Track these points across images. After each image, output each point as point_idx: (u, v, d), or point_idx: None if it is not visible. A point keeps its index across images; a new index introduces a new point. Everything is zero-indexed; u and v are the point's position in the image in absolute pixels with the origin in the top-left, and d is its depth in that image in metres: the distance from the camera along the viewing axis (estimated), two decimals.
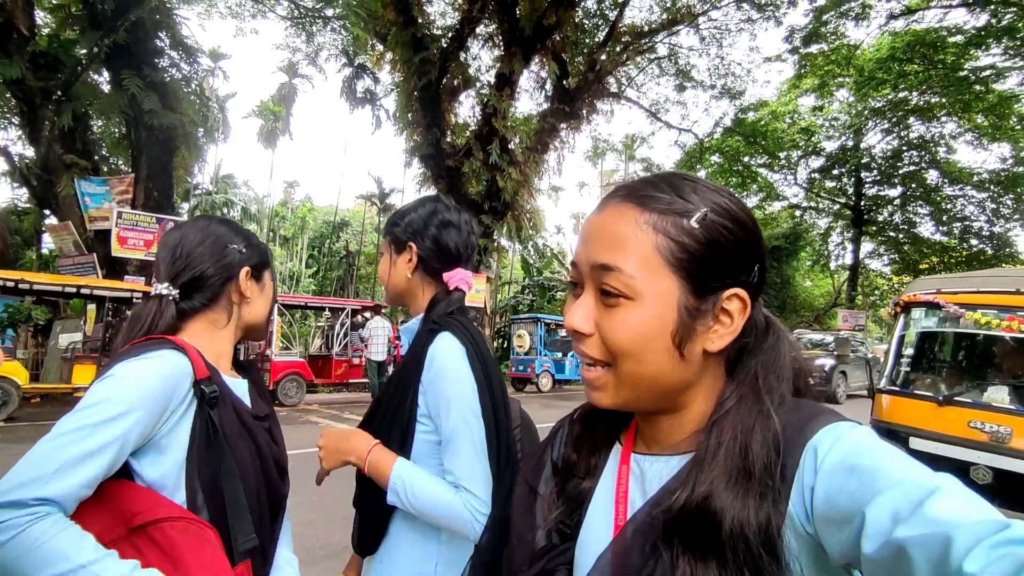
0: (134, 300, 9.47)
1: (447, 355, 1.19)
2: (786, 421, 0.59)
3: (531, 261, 25.29)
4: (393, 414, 1.23)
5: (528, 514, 0.76)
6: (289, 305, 13.59)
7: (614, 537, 0.64)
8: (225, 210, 23.77)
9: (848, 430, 0.55)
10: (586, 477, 0.73)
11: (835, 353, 13.44)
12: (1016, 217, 18.87)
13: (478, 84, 15.87)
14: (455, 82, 15.28)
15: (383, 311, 12.10)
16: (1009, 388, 3.12)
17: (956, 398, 3.16)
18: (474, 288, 15.28)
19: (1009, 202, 18.91)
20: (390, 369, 10.84)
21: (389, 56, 16.28)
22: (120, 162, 12.63)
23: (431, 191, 16.79)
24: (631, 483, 0.68)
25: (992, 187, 18.89)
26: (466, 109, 17.36)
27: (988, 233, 19.51)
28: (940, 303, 3.36)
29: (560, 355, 15.58)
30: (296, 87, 23.27)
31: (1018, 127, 17.18)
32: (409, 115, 15.66)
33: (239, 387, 1.13)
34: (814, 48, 16.94)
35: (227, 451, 1.01)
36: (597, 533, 0.68)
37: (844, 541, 0.48)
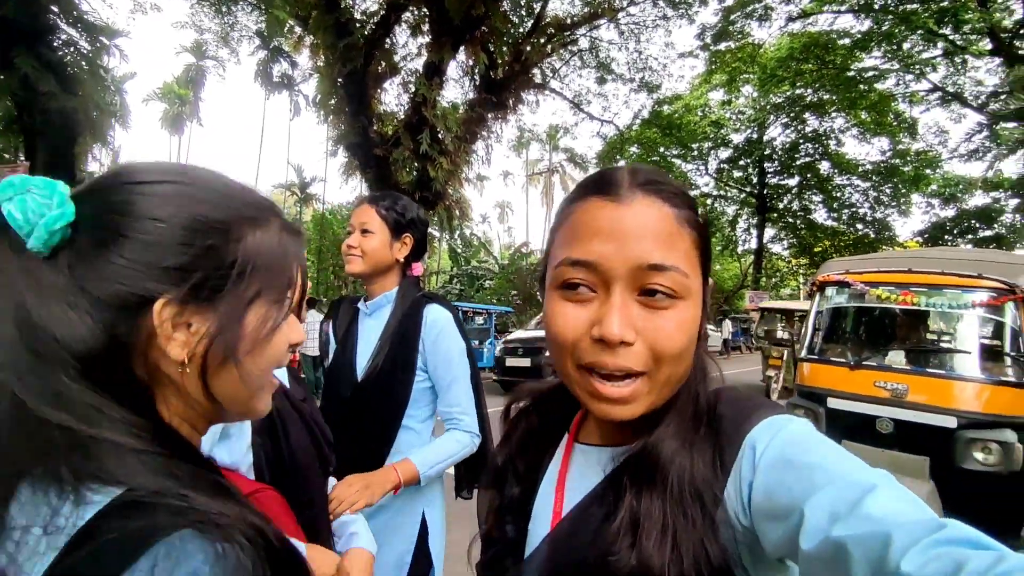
0: None
1: (444, 320, 1.57)
2: (723, 413, 0.59)
3: (459, 251, 25.35)
4: (403, 364, 1.55)
5: (491, 506, 0.76)
6: None
7: (551, 529, 0.65)
8: None
9: (786, 423, 0.55)
10: (537, 465, 0.73)
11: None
12: (894, 204, 21.02)
13: (404, 72, 15.67)
14: (379, 69, 15.00)
15: (316, 305, 11.81)
16: (905, 352, 3.71)
17: (864, 362, 3.70)
18: None
19: (888, 190, 20.99)
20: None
21: (309, 40, 15.68)
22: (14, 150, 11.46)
23: (358, 181, 16.45)
24: (571, 474, 0.68)
25: (874, 177, 20.88)
26: (391, 97, 17.10)
27: (871, 219, 21.61)
28: (849, 282, 3.90)
29: (476, 343, 15.51)
30: (205, 69, 21.81)
31: (895, 123, 19.11)
32: (332, 102, 15.23)
33: (280, 374, 1.27)
34: (723, 46, 18.07)
35: (285, 430, 1.14)
36: (540, 522, 0.68)
37: (781, 536, 0.48)
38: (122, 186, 0.50)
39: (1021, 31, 14.03)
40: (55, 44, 10.23)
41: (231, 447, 1.05)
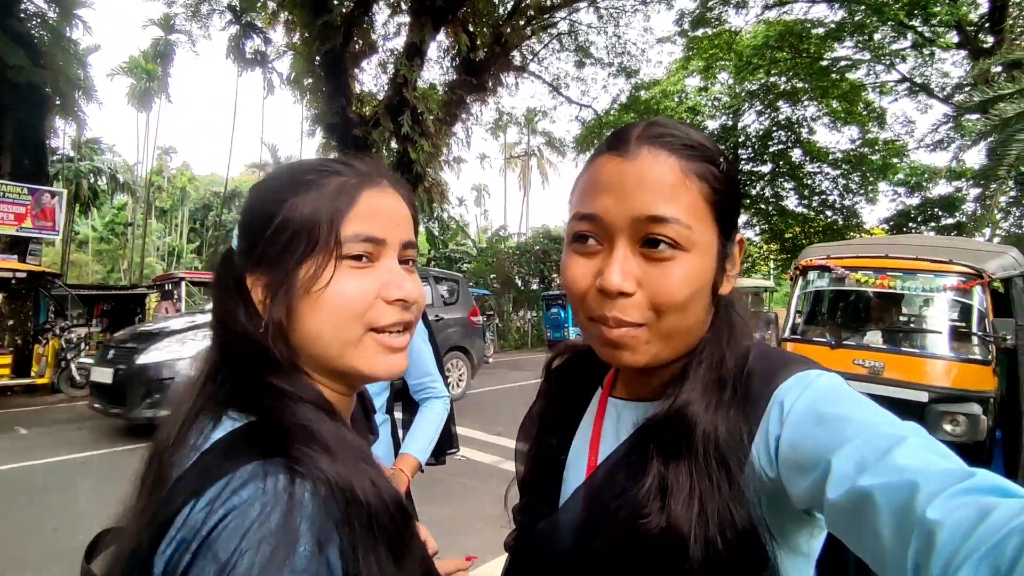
0: (13, 282, 8.47)
1: None
2: (754, 368, 0.60)
3: (436, 233, 25.25)
4: None
5: (528, 456, 0.80)
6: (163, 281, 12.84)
7: (585, 479, 0.67)
8: (92, 178, 21.22)
9: (816, 378, 0.56)
10: (571, 418, 0.75)
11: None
12: (862, 192, 21.63)
13: (382, 52, 15.46)
14: (357, 48, 14.75)
15: None
16: (882, 332, 3.95)
17: (844, 342, 3.93)
18: None
19: (856, 178, 21.56)
20: None
21: (284, 16, 15.31)
22: None
23: None
24: (606, 427, 0.69)
25: (843, 165, 21.41)
26: (369, 77, 16.86)
27: (840, 206, 22.21)
28: (830, 266, 4.10)
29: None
30: (174, 44, 21.05)
31: (865, 112, 19.60)
32: (307, 81, 14.95)
33: None
34: (700, 32, 18.25)
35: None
36: (575, 473, 0.70)
37: (808, 487, 0.48)
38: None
39: (986, 25, 14.49)
40: (22, 16, 9.80)
41: None
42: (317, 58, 13.67)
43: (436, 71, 16.47)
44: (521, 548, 0.76)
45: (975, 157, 16.62)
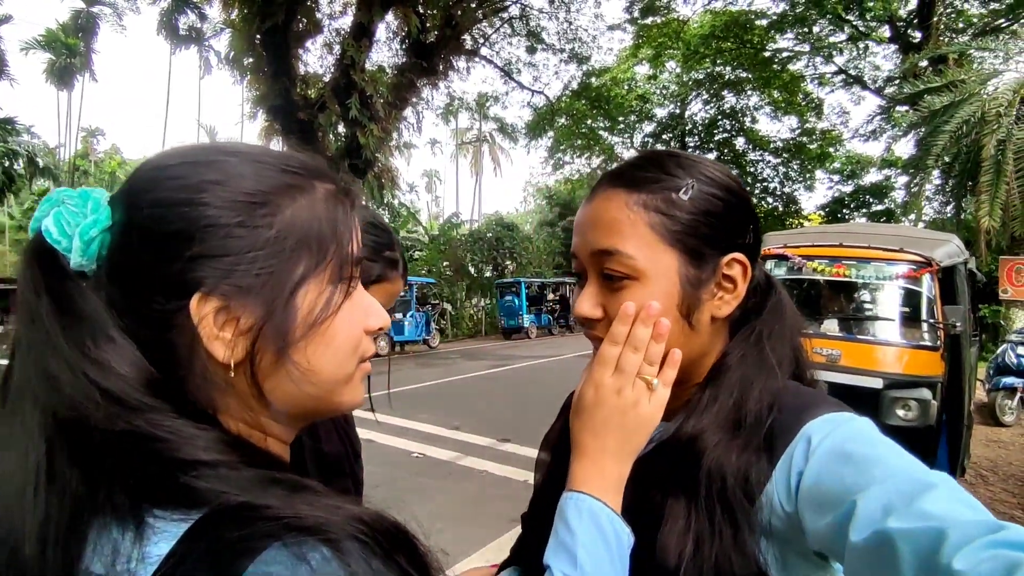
0: None
1: None
2: (786, 402, 0.60)
3: (387, 221, 24.70)
4: None
5: (547, 470, 0.78)
6: None
7: None
8: (7, 162, 19.52)
9: (847, 420, 0.56)
10: None
11: None
12: (800, 179, 22.54)
13: (327, 31, 14.84)
14: (300, 27, 14.11)
15: None
16: (838, 320, 4.07)
17: (803, 331, 4.00)
18: None
19: (796, 166, 22.47)
20: None
21: None
22: None
23: (279, 145, 15.54)
24: None
25: (783, 153, 22.25)
26: (314, 58, 16.16)
27: (780, 193, 23.09)
28: (788, 255, 4.18)
29: (400, 316, 15.21)
30: (97, 17, 19.51)
31: (804, 103, 20.37)
32: (248, 60, 14.20)
33: None
34: (650, 20, 18.42)
35: (314, 437, 1.02)
36: None
37: (828, 525, 0.48)
38: (147, 175, 0.45)
39: (915, 21, 15.23)
40: None
41: None
42: (258, 36, 12.99)
43: (385, 53, 15.98)
44: (529, 557, 0.74)
45: (905, 147, 17.56)
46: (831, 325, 4.03)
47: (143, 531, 0.38)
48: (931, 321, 3.75)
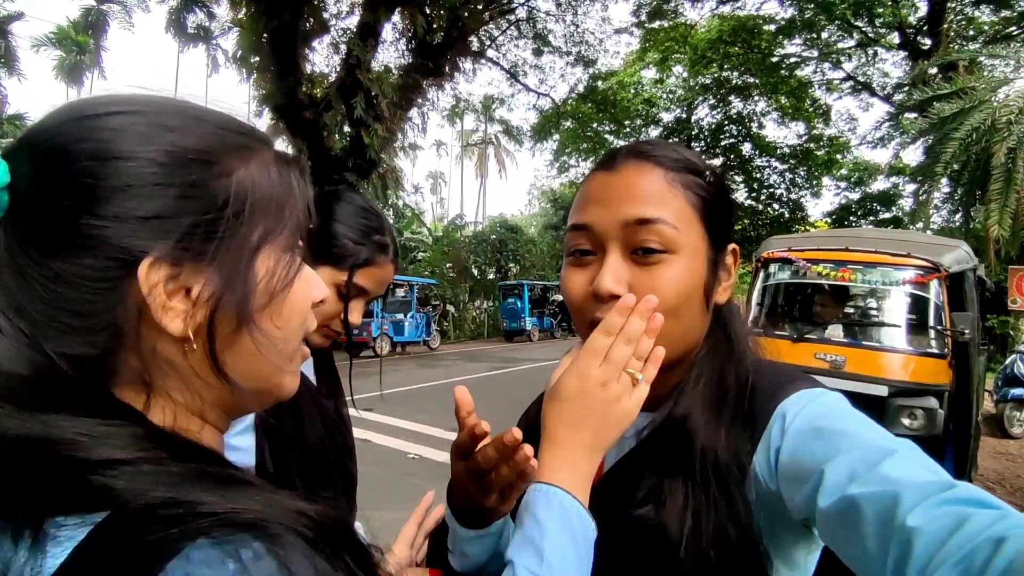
0: None
1: None
2: (759, 383, 0.62)
3: (391, 221, 24.70)
4: None
5: None
6: None
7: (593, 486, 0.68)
8: None
9: (818, 396, 0.58)
10: None
11: None
12: (807, 186, 22.43)
13: (334, 31, 14.84)
14: (307, 26, 14.12)
15: None
16: (843, 326, 3.98)
17: (805, 336, 3.93)
18: None
19: (802, 172, 22.37)
20: None
21: None
22: None
23: (285, 144, 15.54)
24: None
25: (790, 160, 22.16)
26: (321, 58, 16.19)
27: (787, 199, 22.98)
28: (792, 258, 4.10)
29: (401, 316, 15.11)
30: (107, 15, 19.61)
31: (811, 109, 20.27)
32: (255, 59, 14.22)
33: (305, 364, 1.14)
34: (657, 24, 18.36)
35: (300, 432, 1.00)
36: None
37: (803, 496, 0.51)
38: (68, 125, 0.39)
39: (924, 27, 15.12)
40: None
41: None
42: (264, 35, 13.00)
43: (391, 53, 16.00)
44: None
45: (913, 155, 17.42)
46: (835, 331, 3.94)
47: (42, 541, 0.33)
48: (938, 328, 3.66)
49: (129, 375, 0.39)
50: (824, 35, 17.40)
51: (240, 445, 0.94)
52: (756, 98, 21.18)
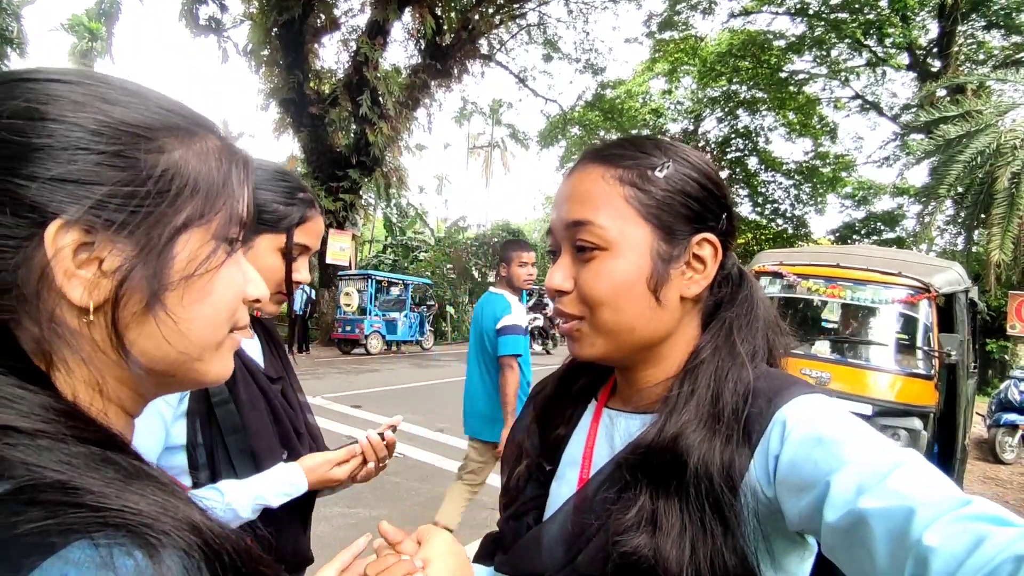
0: None
1: None
2: (759, 388, 0.59)
3: (394, 220, 24.73)
4: None
5: (515, 467, 0.78)
6: None
7: (577, 490, 0.66)
8: None
9: (818, 402, 0.56)
10: (560, 428, 0.75)
11: None
12: (812, 202, 22.36)
13: (344, 28, 14.90)
14: (318, 22, 14.18)
15: None
16: (830, 342, 3.94)
17: (792, 351, 3.89)
18: (339, 245, 14.57)
19: (807, 189, 22.31)
20: None
21: None
22: None
23: (290, 138, 15.59)
24: (599, 438, 0.69)
25: (796, 176, 22.11)
26: (330, 54, 16.26)
27: (791, 215, 22.92)
28: (783, 273, 4.07)
29: (394, 315, 15.02)
30: (120, 3, 19.71)
31: (818, 126, 20.23)
32: (265, 53, 14.27)
33: (252, 347, 1.12)
34: (667, 35, 18.39)
35: (242, 420, 0.99)
36: (566, 484, 0.70)
37: (804, 508, 0.49)
38: (6, 87, 0.38)
39: (934, 50, 15.10)
40: None
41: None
42: (275, 29, 13.05)
43: (400, 53, 16.12)
44: (504, 559, 0.73)
45: (918, 175, 17.39)
46: (822, 347, 3.91)
47: None
48: (926, 349, 3.62)
49: (30, 344, 0.37)
50: (834, 53, 17.39)
51: (178, 434, 0.93)
52: (764, 113, 21.15)
